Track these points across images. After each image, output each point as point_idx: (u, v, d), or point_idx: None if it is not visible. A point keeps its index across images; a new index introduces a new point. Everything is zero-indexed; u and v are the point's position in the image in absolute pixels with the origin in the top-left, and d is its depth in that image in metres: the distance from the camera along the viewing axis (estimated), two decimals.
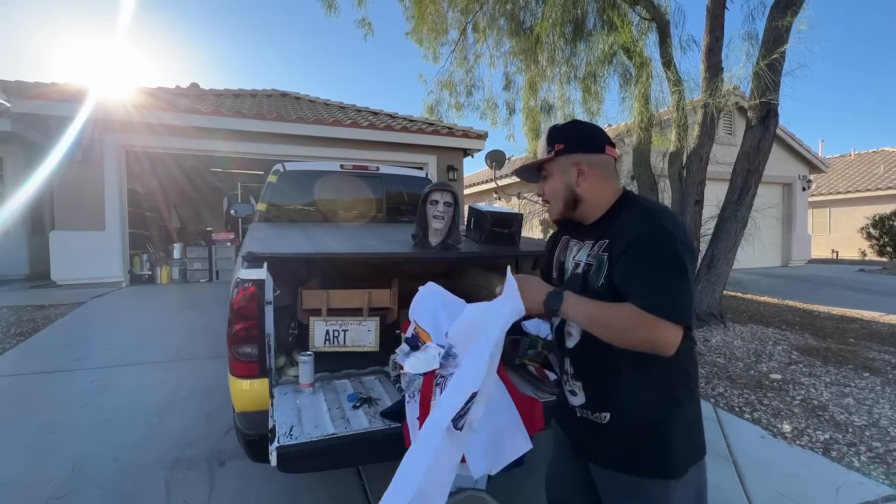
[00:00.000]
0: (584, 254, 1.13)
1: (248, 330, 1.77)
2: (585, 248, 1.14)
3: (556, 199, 1.17)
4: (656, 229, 0.99)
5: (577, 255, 1.17)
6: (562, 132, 1.16)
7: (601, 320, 0.97)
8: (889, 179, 15.14)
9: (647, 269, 0.96)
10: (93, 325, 4.73)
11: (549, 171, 1.18)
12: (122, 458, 2.38)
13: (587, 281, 1.07)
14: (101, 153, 6.62)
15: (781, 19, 4.23)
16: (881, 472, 2.36)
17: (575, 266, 1.16)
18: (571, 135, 1.15)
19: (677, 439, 1.03)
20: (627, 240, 0.99)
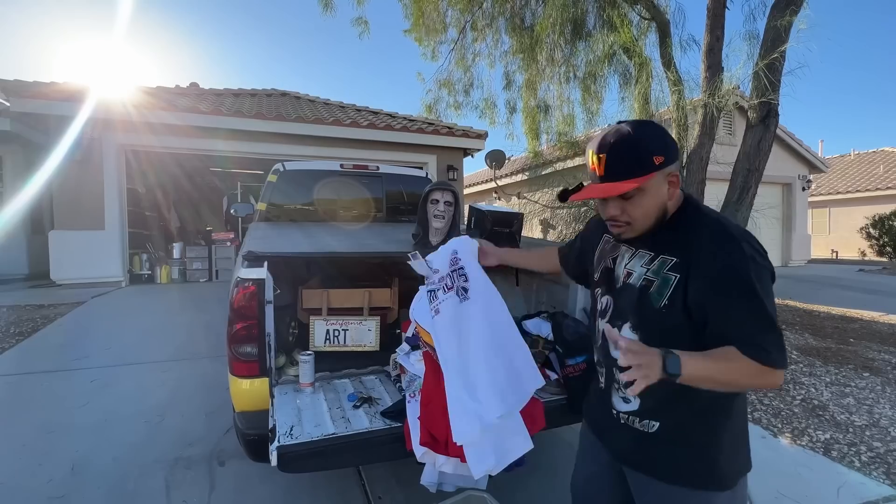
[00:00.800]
0: (638, 264, 1.03)
1: (249, 329, 1.76)
2: (641, 257, 1.03)
3: (644, 220, 0.99)
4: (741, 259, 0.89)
5: (629, 262, 1.06)
6: (660, 141, 0.95)
7: (722, 380, 0.89)
8: (889, 179, 15.14)
9: (741, 315, 0.88)
10: (92, 325, 4.72)
11: (640, 190, 0.96)
12: (122, 458, 2.37)
13: (646, 298, 0.98)
14: (100, 153, 6.61)
15: (781, 19, 4.23)
16: (882, 472, 2.36)
17: (627, 275, 1.05)
18: (669, 143, 0.96)
19: (727, 451, 1.00)
20: (716, 269, 0.89)
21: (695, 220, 0.99)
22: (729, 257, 0.90)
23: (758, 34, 4.68)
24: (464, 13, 7.06)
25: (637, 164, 0.93)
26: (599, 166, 0.96)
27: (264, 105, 8.16)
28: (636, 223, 0.99)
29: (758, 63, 4.36)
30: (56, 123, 6.34)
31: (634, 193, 0.96)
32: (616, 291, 1.08)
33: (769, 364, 0.87)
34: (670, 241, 0.99)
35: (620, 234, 1.03)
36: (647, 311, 0.98)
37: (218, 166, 9.27)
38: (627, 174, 0.93)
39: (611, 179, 0.95)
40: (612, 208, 1.00)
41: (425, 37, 7.37)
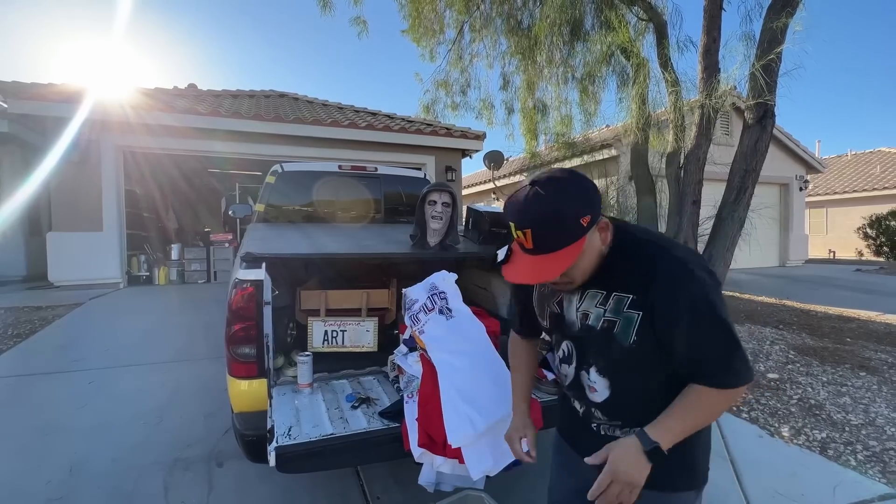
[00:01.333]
0: (592, 304, 0.98)
1: (247, 330, 1.77)
2: (592, 297, 0.98)
3: (585, 274, 0.96)
4: (700, 288, 0.88)
5: (581, 304, 1.00)
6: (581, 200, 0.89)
7: (698, 424, 0.93)
8: (885, 180, 15.20)
9: (713, 344, 0.89)
10: (91, 326, 4.72)
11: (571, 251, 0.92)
12: (121, 459, 2.37)
13: (612, 339, 0.94)
14: (98, 154, 6.61)
15: (777, 20, 4.25)
16: (877, 470, 2.38)
17: (584, 317, 1.00)
18: (591, 196, 0.90)
19: (702, 450, 1.02)
20: (679, 305, 0.88)
21: (634, 251, 0.95)
22: (688, 290, 0.88)
23: (754, 35, 4.70)
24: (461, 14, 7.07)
25: (565, 234, 0.88)
26: (526, 240, 0.89)
27: (262, 106, 8.16)
28: (578, 279, 0.96)
29: (754, 64, 4.38)
30: (54, 125, 6.34)
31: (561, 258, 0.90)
32: (575, 336, 1.03)
33: (736, 385, 0.89)
34: (618, 276, 0.95)
35: (566, 291, 1.02)
36: (615, 351, 0.94)
37: (216, 167, 9.27)
38: (558, 244, 0.88)
39: (542, 252, 0.89)
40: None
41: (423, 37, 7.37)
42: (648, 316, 0.90)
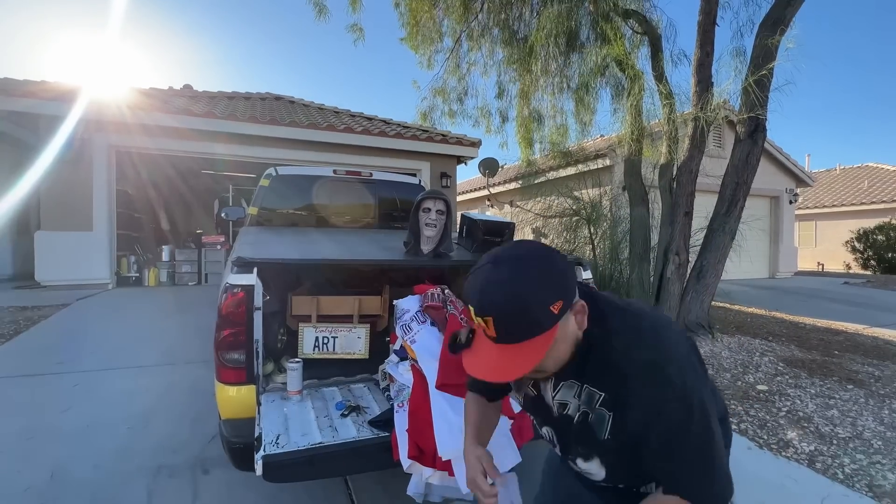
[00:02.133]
0: (570, 394, 0.90)
1: (236, 336, 1.75)
2: (569, 387, 0.90)
3: (559, 364, 0.84)
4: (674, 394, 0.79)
5: (558, 394, 0.92)
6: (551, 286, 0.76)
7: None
8: (873, 194, 15.46)
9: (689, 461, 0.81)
10: (77, 328, 4.64)
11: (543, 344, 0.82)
12: (104, 465, 2.33)
13: (589, 430, 0.88)
14: (90, 153, 6.55)
15: (770, 37, 4.33)
16: (864, 484, 2.39)
17: (562, 407, 0.92)
18: (562, 279, 0.78)
19: None
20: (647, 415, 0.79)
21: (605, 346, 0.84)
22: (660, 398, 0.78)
23: (746, 51, 4.78)
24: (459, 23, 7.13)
25: (533, 326, 0.75)
26: (489, 328, 0.76)
27: (258, 109, 8.14)
28: (551, 369, 0.85)
29: (747, 79, 4.45)
30: (46, 123, 6.27)
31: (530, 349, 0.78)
32: (555, 423, 0.96)
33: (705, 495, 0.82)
34: (590, 368, 0.86)
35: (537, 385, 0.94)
36: (593, 442, 0.88)
37: (210, 169, 9.22)
38: (525, 335, 0.75)
39: (507, 342, 0.76)
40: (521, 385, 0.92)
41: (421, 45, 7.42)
42: (620, 417, 0.83)
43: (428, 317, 1.74)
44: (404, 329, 1.73)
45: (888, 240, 12.58)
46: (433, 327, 1.69)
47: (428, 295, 1.81)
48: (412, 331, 1.69)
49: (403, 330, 1.74)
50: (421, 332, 1.67)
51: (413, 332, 1.69)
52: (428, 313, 1.76)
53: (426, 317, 1.74)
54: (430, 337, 1.65)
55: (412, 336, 1.68)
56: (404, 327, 1.73)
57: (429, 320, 1.72)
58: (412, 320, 1.73)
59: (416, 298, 1.87)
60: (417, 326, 1.70)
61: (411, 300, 1.85)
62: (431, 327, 1.69)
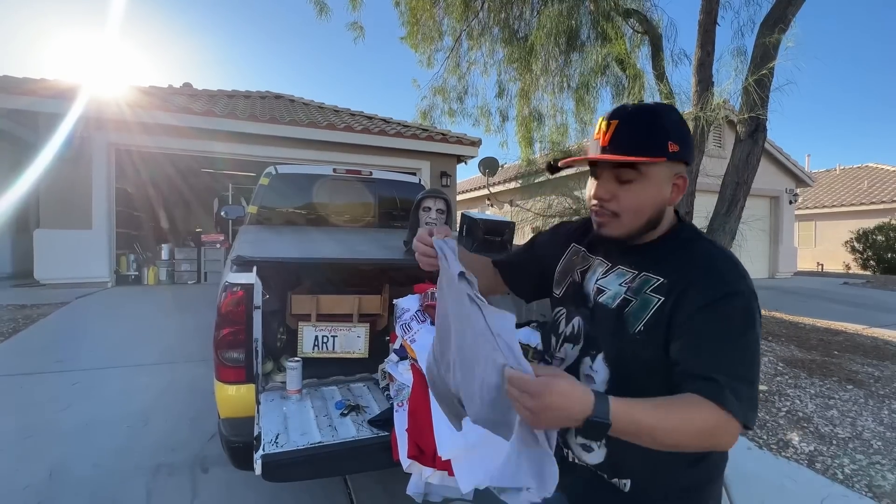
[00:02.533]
0: (616, 282, 0.88)
1: (236, 335, 1.75)
2: (620, 275, 0.89)
3: (635, 216, 0.84)
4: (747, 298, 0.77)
5: (602, 278, 0.91)
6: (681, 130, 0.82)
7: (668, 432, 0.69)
8: (873, 195, 15.47)
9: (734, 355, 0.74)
10: (76, 326, 4.63)
11: (641, 175, 0.82)
12: (103, 464, 2.32)
13: (621, 320, 0.84)
14: (89, 151, 6.54)
15: (770, 36, 4.32)
16: (864, 484, 2.39)
17: (598, 292, 0.90)
18: (690, 139, 0.84)
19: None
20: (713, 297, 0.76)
21: (689, 244, 0.86)
22: (731, 286, 0.77)
23: (747, 50, 4.77)
24: (459, 22, 7.12)
25: (649, 140, 0.79)
26: (605, 134, 0.81)
27: (258, 107, 8.13)
28: (624, 217, 0.84)
29: (747, 79, 4.44)
30: (45, 121, 6.26)
31: (634, 178, 0.82)
32: (588, 312, 0.92)
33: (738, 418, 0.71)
34: (657, 259, 0.85)
35: (601, 225, 0.87)
36: (622, 337, 0.83)
37: (210, 167, 9.21)
38: (634, 149, 0.79)
39: (614, 152, 0.80)
40: (602, 189, 0.85)
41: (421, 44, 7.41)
42: (669, 305, 0.79)
43: (428, 316, 1.74)
44: (404, 328, 1.73)
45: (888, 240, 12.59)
46: (433, 326, 1.68)
47: (428, 294, 1.81)
48: (412, 330, 1.69)
49: (403, 329, 1.73)
50: (421, 331, 1.67)
51: (413, 331, 1.69)
52: (428, 312, 1.75)
53: (426, 316, 1.74)
54: (430, 336, 1.64)
55: (412, 335, 1.67)
56: (404, 326, 1.73)
57: (429, 319, 1.72)
58: (412, 319, 1.73)
59: (416, 297, 1.86)
60: (417, 325, 1.70)
61: (411, 299, 1.85)
62: (431, 326, 1.68)
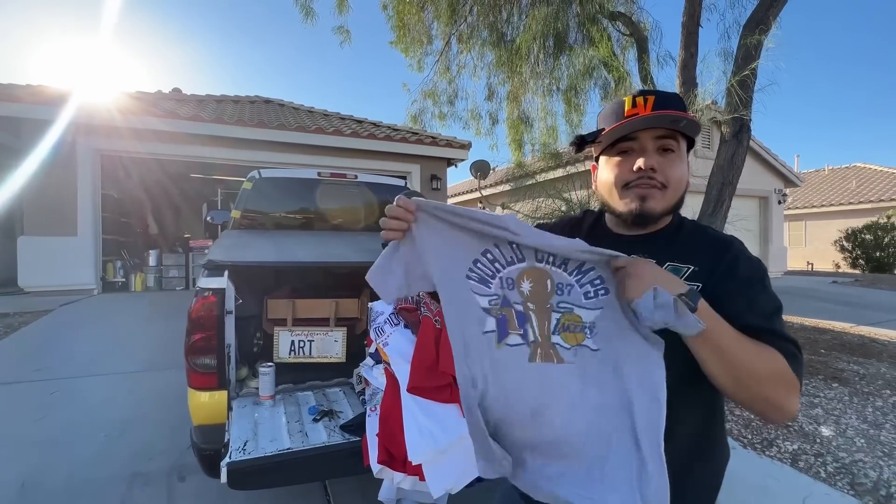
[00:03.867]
0: None
1: (207, 340, 1.72)
2: None
3: (676, 189, 0.87)
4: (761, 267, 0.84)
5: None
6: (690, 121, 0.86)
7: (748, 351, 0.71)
8: (861, 194, 15.63)
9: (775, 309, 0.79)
10: (59, 334, 4.57)
11: (679, 147, 0.87)
12: (77, 474, 2.28)
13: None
14: (75, 157, 6.47)
15: (751, 37, 4.35)
16: (846, 482, 2.39)
17: None
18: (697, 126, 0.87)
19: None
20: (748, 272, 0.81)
21: (701, 231, 0.92)
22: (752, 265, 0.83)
23: (731, 52, 4.81)
24: (447, 25, 7.13)
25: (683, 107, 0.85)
26: (646, 106, 0.84)
27: (247, 112, 8.09)
28: (671, 189, 0.86)
29: (730, 80, 4.47)
30: (30, 127, 6.20)
31: (675, 148, 0.85)
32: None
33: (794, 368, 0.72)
34: (674, 248, 0.88)
35: (646, 198, 0.86)
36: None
37: (199, 173, 9.14)
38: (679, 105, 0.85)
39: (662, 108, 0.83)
40: (652, 160, 0.85)
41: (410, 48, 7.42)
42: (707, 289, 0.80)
43: (402, 319, 1.72)
44: (377, 332, 1.71)
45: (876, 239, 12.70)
46: (406, 329, 1.66)
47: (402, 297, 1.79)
48: (385, 333, 1.67)
49: (377, 333, 1.71)
50: (394, 334, 1.65)
51: (386, 334, 1.67)
52: (402, 315, 1.74)
53: (400, 319, 1.72)
54: (402, 339, 1.62)
55: (385, 339, 1.65)
56: (378, 330, 1.71)
57: (402, 322, 1.70)
58: (385, 323, 1.71)
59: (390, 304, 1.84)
60: (390, 329, 1.67)
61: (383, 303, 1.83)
62: (405, 329, 1.67)
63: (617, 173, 0.89)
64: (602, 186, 0.94)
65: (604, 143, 0.90)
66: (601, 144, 0.91)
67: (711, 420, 0.91)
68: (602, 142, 0.90)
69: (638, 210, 0.88)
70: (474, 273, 0.85)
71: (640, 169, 0.85)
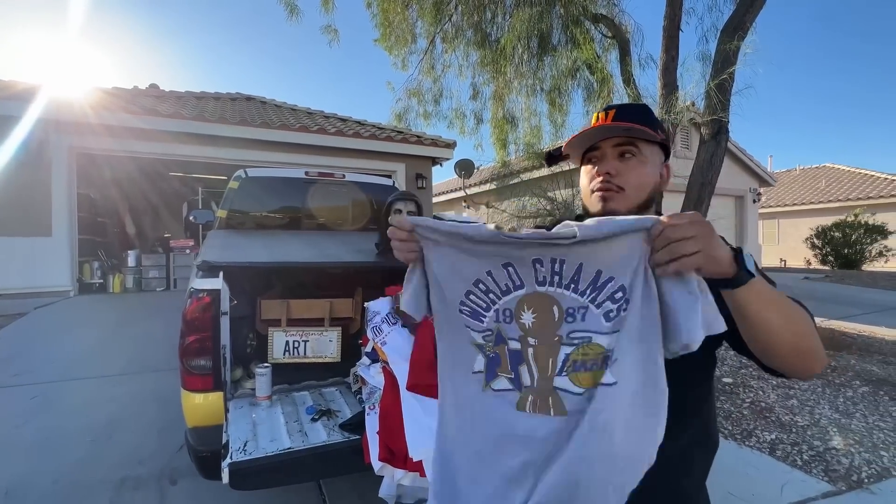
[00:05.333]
0: None
1: (202, 342, 1.71)
2: None
3: (637, 191, 0.91)
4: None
5: None
6: (660, 122, 0.94)
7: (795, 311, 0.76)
8: (830, 193, 16.24)
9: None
10: (35, 337, 4.44)
11: (641, 152, 0.90)
12: (64, 479, 2.23)
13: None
14: (48, 155, 6.27)
15: (730, 42, 4.49)
16: (821, 469, 2.51)
17: None
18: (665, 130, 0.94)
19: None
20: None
21: None
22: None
23: (710, 55, 4.95)
24: (432, 25, 7.14)
25: (646, 122, 0.89)
26: (607, 117, 0.91)
27: (228, 109, 7.95)
28: (629, 190, 0.89)
29: (709, 83, 4.61)
30: None
31: (635, 154, 0.89)
32: None
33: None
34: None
35: (607, 200, 0.91)
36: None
37: (178, 171, 8.95)
38: (638, 118, 0.90)
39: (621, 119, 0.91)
40: (608, 165, 0.90)
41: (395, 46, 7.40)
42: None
43: (399, 318, 1.74)
44: (375, 331, 1.73)
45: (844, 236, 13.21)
46: (404, 329, 1.69)
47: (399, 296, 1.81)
48: (383, 332, 1.69)
49: (374, 332, 1.73)
50: (391, 333, 1.67)
51: (384, 333, 1.69)
52: (399, 315, 1.76)
53: (397, 318, 1.74)
54: (400, 338, 1.64)
55: (383, 338, 1.67)
56: (375, 329, 1.73)
57: (399, 322, 1.72)
58: (383, 322, 1.73)
59: (388, 300, 1.86)
60: (388, 328, 1.70)
61: (382, 302, 1.85)
62: (402, 329, 1.69)
63: (587, 180, 0.96)
64: (582, 192, 1.00)
65: (571, 154, 0.97)
66: (574, 157, 0.98)
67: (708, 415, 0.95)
68: (569, 154, 0.98)
69: (602, 211, 0.92)
70: (466, 307, 0.75)
71: (597, 174, 0.92)
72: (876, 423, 3.03)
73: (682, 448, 0.82)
